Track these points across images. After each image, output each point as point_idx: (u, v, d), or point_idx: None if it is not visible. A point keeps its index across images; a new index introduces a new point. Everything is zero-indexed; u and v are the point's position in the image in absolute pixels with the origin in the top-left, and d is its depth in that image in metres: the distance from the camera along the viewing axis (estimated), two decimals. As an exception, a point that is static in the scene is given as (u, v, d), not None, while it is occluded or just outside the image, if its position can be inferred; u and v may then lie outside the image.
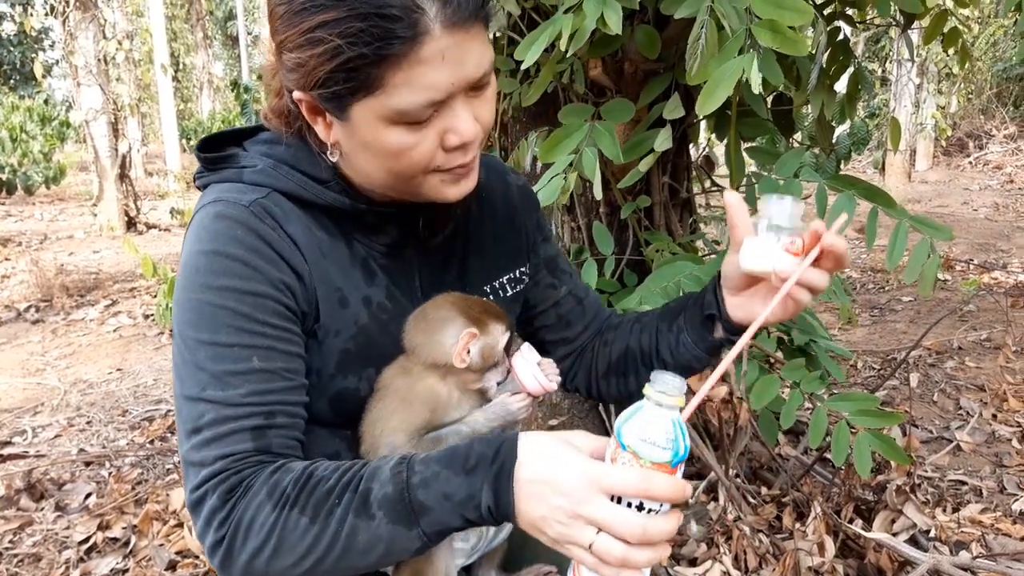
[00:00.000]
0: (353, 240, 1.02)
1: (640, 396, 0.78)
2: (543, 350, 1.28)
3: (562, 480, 0.77)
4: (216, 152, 1.02)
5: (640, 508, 0.76)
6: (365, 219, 1.01)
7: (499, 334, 0.99)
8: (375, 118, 0.86)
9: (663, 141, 2.02)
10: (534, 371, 0.99)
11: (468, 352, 0.96)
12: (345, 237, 1.01)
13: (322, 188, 0.98)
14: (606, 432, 1.59)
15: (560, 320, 1.26)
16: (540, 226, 1.25)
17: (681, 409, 0.77)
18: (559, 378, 1.03)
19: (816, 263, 0.89)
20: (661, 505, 0.77)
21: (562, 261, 1.28)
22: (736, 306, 1.03)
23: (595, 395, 1.28)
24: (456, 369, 0.97)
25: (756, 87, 1.42)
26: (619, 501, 0.76)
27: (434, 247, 1.08)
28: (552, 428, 2.51)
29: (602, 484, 0.76)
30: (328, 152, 0.96)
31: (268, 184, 0.97)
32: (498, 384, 1.01)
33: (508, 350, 1.03)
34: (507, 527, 1.11)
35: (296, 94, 0.90)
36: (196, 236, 0.94)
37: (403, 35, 0.80)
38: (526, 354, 1.01)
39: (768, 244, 0.89)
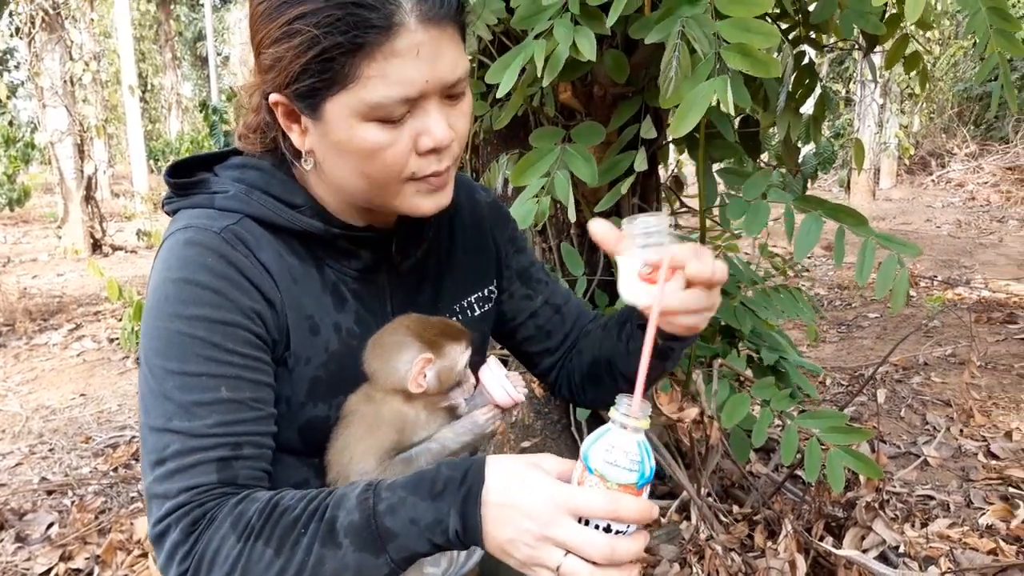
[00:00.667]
0: (324, 266, 1.01)
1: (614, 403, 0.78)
2: (530, 362, 1.29)
3: (529, 503, 0.77)
4: (186, 177, 1.00)
5: (608, 530, 0.76)
6: (337, 244, 1.01)
7: (457, 355, 0.98)
8: (349, 114, 0.86)
9: (641, 161, 2.04)
10: (502, 382, 0.98)
11: (424, 376, 0.96)
12: (317, 263, 1.00)
13: (294, 213, 0.97)
14: (578, 453, 1.59)
15: (540, 331, 1.25)
16: (512, 239, 1.25)
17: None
18: (526, 389, 1.02)
19: (689, 285, 0.88)
20: (628, 526, 0.77)
21: (537, 271, 1.27)
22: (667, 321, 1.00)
23: (580, 403, 1.28)
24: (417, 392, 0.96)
25: (729, 109, 1.44)
26: (587, 523, 0.76)
27: (406, 269, 1.08)
28: (524, 450, 2.50)
29: (569, 506, 0.76)
30: (303, 161, 0.95)
31: (240, 210, 0.96)
32: (466, 400, 1.01)
33: (475, 366, 1.02)
34: (478, 552, 1.10)
35: (272, 97, 0.90)
36: (165, 263, 0.92)
37: (378, 24, 0.81)
38: (492, 367, 1.00)
39: (629, 271, 0.88)
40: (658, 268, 0.84)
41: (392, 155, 0.89)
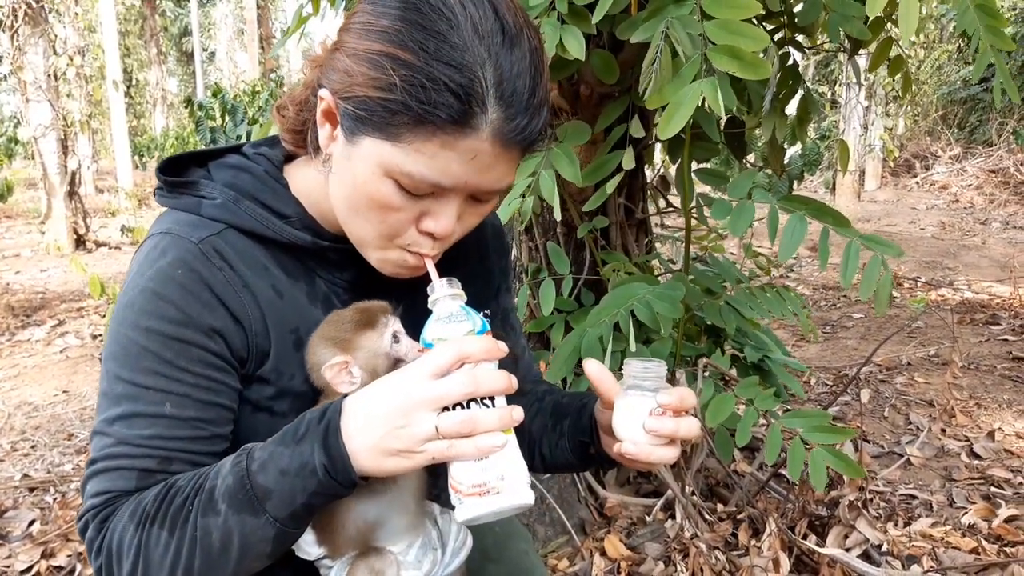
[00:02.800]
0: (316, 277, 1.00)
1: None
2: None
3: (385, 397, 0.80)
4: (179, 173, 0.99)
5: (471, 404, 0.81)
6: (327, 256, 0.99)
7: (374, 340, 0.95)
8: (378, 162, 0.84)
9: (629, 160, 2.05)
10: None
11: (351, 374, 0.94)
12: (307, 274, 0.99)
13: (283, 224, 0.96)
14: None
15: None
16: (505, 273, 1.25)
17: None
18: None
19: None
20: (494, 399, 0.82)
21: (512, 317, 1.27)
22: (608, 444, 1.02)
23: None
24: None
25: (719, 111, 1.44)
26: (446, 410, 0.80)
27: (401, 282, 1.05)
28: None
29: (422, 371, 0.79)
30: (322, 160, 0.94)
31: (225, 220, 0.94)
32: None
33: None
34: (463, 551, 1.10)
35: (323, 92, 0.88)
36: (139, 268, 0.92)
37: (455, 117, 0.79)
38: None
39: (632, 412, 0.92)
40: (670, 408, 0.90)
41: (395, 218, 0.88)
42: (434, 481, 1.08)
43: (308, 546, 1.00)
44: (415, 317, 0.97)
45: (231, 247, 0.94)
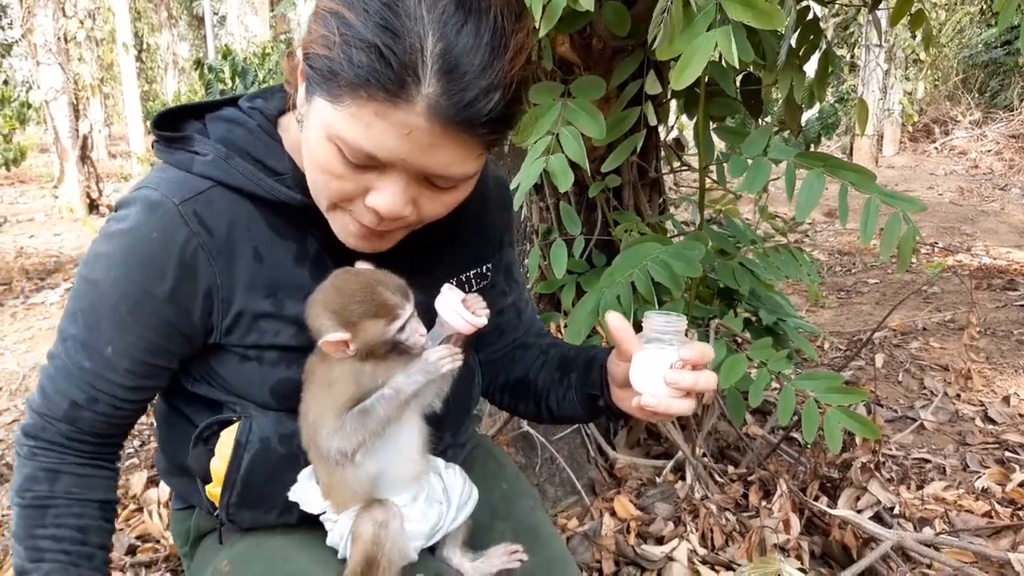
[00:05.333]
0: (308, 234, 0.99)
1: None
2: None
3: None
4: (176, 126, 0.99)
5: None
6: (318, 214, 0.97)
7: (378, 331, 0.92)
8: (324, 123, 0.83)
9: (651, 115, 2.01)
10: (458, 310, 0.95)
11: (348, 347, 0.93)
12: (298, 232, 0.98)
13: (274, 183, 0.95)
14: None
15: (496, 328, 1.23)
16: (509, 228, 1.24)
17: None
18: (487, 311, 0.98)
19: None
20: None
21: (516, 271, 1.26)
22: (621, 398, 1.03)
23: (491, 401, 1.29)
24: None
25: (733, 60, 1.40)
26: None
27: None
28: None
29: None
30: (296, 115, 0.93)
31: (215, 177, 0.94)
32: (427, 336, 0.96)
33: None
34: (468, 506, 1.09)
35: (297, 50, 0.89)
36: (119, 217, 0.95)
37: (386, 86, 0.76)
38: (447, 295, 0.97)
39: (652, 365, 0.93)
40: (691, 362, 0.91)
41: (336, 185, 0.87)
42: (438, 435, 1.07)
43: (313, 500, 0.99)
44: (415, 273, 0.97)
45: (215, 208, 0.93)
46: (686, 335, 0.92)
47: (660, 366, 0.91)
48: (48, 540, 1.00)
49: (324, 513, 1.00)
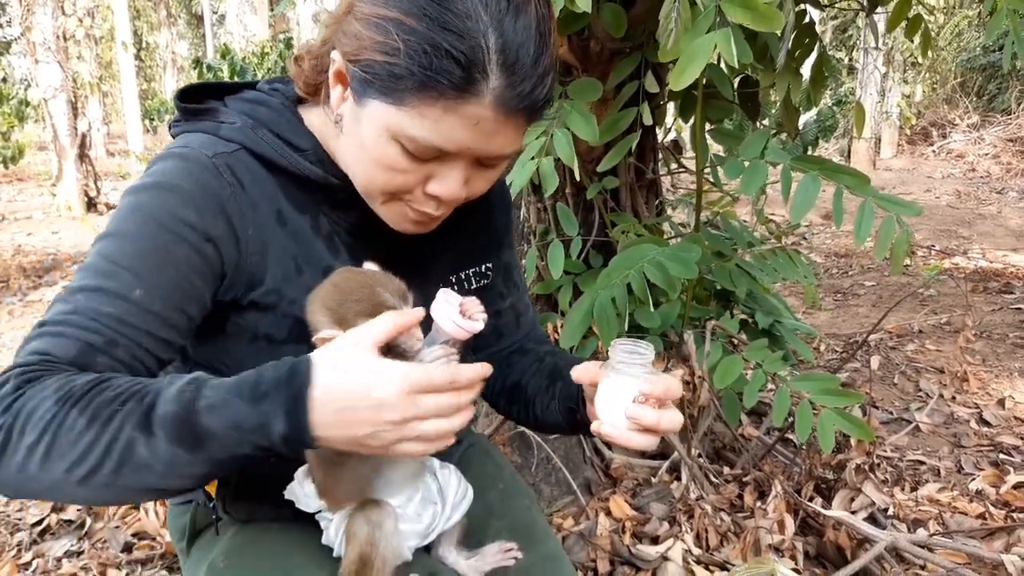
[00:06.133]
0: (321, 214, 1.00)
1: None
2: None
3: (379, 395, 0.77)
4: (196, 103, 1.00)
5: None
6: (336, 195, 1.00)
7: None
8: (384, 125, 0.86)
9: (647, 116, 2.02)
10: (453, 317, 0.94)
11: None
12: (313, 210, 1.00)
13: (298, 157, 0.97)
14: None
15: (494, 331, 1.23)
16: (508, 229, 1.24)
17: None
18: (484, 315, 0.97)
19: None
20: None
21: (516, 273, 1.27)
22: (595, 416, 1.00)
23: (486, 401, 1.29)
24: None
25: (732, 61, 1.41)
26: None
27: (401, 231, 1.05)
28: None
29: (415, 387, 0.78)
30: (334, 119, 0.95)
31: (241, 142, 0.95)
32: (423, 340, 0.94)
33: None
34: (463, 506, 1.09)
35: (335, 55, 0.90)
36: (147, 171, 0.93)
37: (457, 84, 0.81)
38: (442, 301, 0.96)
39: (616, 395, 0.90)
40: (652, 397, 0.88)
41: (400, 179, 0.90)
42: None
43: (308, 499, 1.00)
44: (401, 273, 0.96)
45: (244, 167, 0.95)
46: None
47: (622, 397, 0.89)
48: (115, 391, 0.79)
49: (320, 512, 1.01)
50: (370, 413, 0.77)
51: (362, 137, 0.89)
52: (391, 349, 0.91)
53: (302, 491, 1.00)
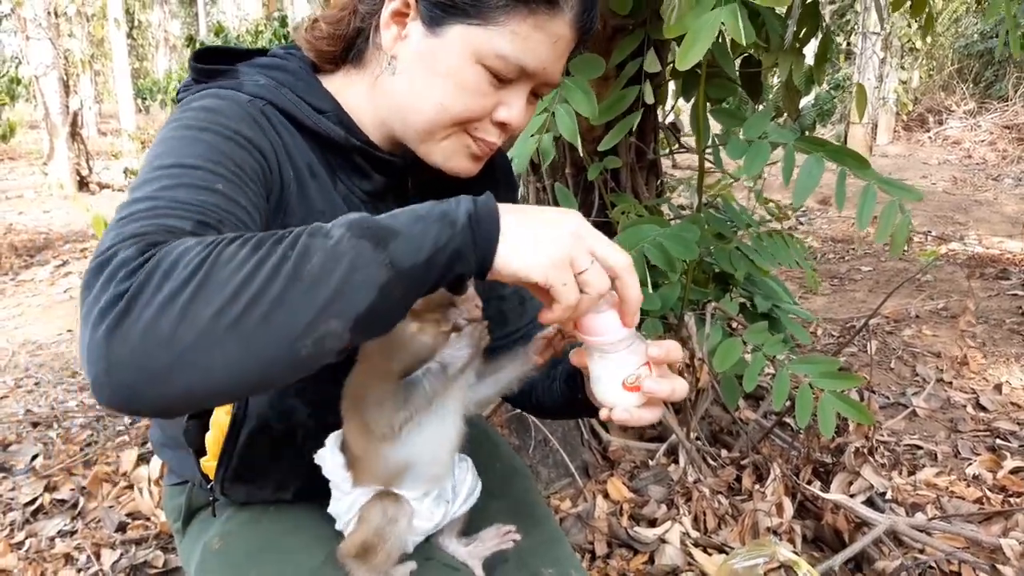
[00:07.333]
0: (337, 179, 0.99)
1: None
2: None
3: (558, 214, 0.75)
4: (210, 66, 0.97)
5: None
6: (354, 159, 0.99)
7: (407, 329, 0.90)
8: (470, 48, 0.88)
9: (649, 95, 1.99)
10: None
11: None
12: (331, 173, 0.98)
13: (320, 116, 0.95)
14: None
15: (499, 315, 1.20)
16: None
17: None
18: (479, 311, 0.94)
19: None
20: None
21: None
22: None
23: None
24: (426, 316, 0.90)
25: (742, 39, 1.38)
26: None
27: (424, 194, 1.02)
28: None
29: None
30: (385, 63, 0.94)
31: (267, 98, 0.93)
32: (480, 308, 0.92)
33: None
34: (471, 500, 1.07)
35: None
36: (180, 107, 0.89)
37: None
38: None
39: (609, 375, 0.84)
40: (658, 360, 0.83)
41: (477, 103, 0.91)
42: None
43: (336, 468, 0.98)
44: None
45: (276, 118, 0.93)
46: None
47: (620, 374, 0.83)
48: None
49: (339, 482, 0.98)
50: (551, 225, 0.73)
51: (437, 65, 0.90)
52: (449, 315, 0.89)
53: (332, 459, 0.98)
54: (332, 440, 0.99)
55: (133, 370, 0.58)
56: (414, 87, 0.92)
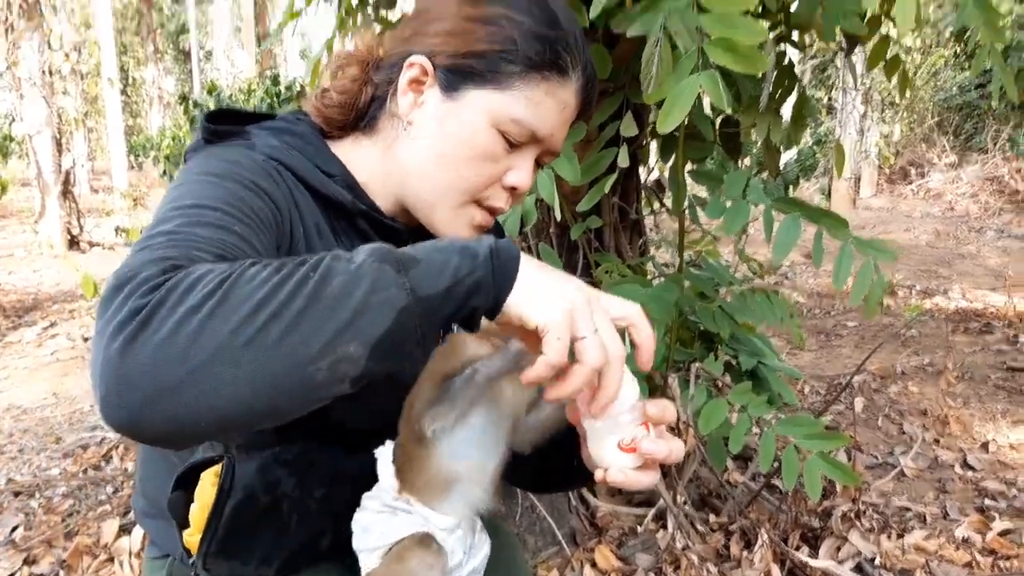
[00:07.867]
0: (340, 242, 0.99)
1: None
2: None
3: (574, 280, 0.74)
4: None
5: None
6: (358, 223, 1.00)
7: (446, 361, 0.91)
8: (485, 111, 0.92)
9: (624, 158, 2.01)
10: None
11: None
12: (333, 233, 0.99)
13: (328, 179, 0.97)
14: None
15: None
16: None
17: None
18: None
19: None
20: None
21: None
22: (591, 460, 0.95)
23: None
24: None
25: (721, 104, 1.40)
26: None
27: None
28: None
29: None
30: (401, 125, 0.97)
31: (279, 159, 0.94)
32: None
33: None
34: (480, 571, 1.05)
35: (415, 58, 0.94)
36: (197, 157, 0.91)
37: (561, 66, 0.91)
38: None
39: (604, 436, 0.82)
40: (654, 419, 0.82)
41: (489, 168, 0.95)
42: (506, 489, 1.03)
43: (386, 468, 0.95)
44: None
45: (288, 177, 0.94)
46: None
47: (617, 435, 0.81)
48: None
49: (385, 486, 0.96)
50: (563, 285, 0.72)
51: (458, 129, 0.93)
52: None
53: (385, 462, 0.96)
54: (385, 451, 0.98)
55: (143, 386, 0.58)
56: (427, 150, 0.95)
